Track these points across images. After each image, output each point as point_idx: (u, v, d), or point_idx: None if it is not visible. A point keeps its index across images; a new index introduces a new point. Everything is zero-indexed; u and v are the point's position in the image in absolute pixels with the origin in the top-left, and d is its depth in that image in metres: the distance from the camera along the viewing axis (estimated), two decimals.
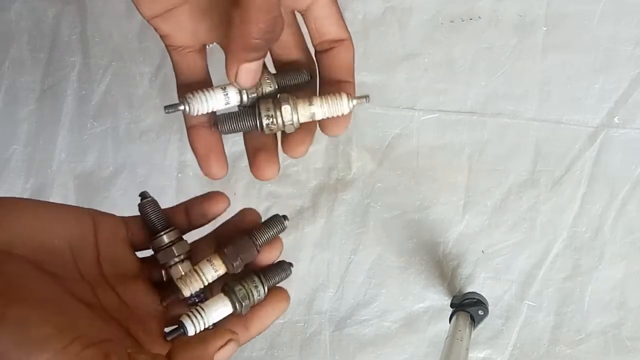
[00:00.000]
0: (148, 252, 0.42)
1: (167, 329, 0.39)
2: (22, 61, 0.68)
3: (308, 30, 0.42)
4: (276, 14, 0.34)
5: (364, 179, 0.65)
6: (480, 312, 0.60)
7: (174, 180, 0.67)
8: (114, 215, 0.41)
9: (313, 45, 0.42)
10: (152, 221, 0.40)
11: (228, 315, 0.40)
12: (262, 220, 0.44)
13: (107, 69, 0.68)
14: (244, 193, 0.66)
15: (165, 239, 0.40)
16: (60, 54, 0.68)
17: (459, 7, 0.64)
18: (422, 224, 0.64)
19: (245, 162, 0.66)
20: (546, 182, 0.63)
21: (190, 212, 0.42)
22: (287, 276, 0.42)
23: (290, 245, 0.66)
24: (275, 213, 0.43)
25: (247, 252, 0.40)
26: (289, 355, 0.65)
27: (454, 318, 0.60)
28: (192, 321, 0.38)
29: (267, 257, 0.43)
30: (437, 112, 0.64)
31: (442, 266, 0.64)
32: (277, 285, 0.43)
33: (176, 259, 0.40)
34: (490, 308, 0.61)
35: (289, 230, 0.66)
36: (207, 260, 0.40)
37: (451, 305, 0.62)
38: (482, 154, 0.64)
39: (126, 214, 0.43)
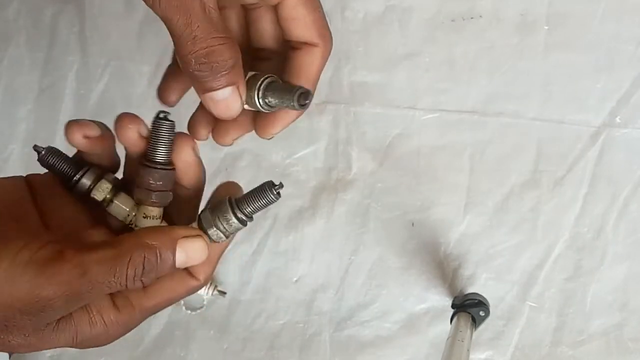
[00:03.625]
0: None
1: None
2: (20, 60, 0.68)
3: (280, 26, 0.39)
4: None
5: (365, 179, 0.65)
6: (482, 313, 0.59)
7: None
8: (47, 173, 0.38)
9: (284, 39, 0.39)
10: (62, 168, 0.37)
11: None
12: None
13: (106, 68, 0.67)
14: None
15: (86, 181, 0.37)
16: (58, 53, 0.68)
17: (460, 6, 0.64)
18: (423, 225, 0.64)
19: (245, 161, 0.66)
20: (548, 182, 0.63)
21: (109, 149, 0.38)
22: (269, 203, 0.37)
23: (290, 246, 0.65)
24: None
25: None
26: (288, 357, 0.65)
27: (455, 319, 0.60)
28: None
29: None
30: (438, 112, 0.64)
31: (443, 267, 0.63)
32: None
33: (111, 193, 0.37)
34: (491, 309, 0.61)
35: (289, 230, 0.65)
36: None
37: (452, 306, 0.62)
38: (483, 154, 0.63)
39: None
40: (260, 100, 0.37)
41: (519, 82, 0.63)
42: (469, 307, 0.60)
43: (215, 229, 0.36)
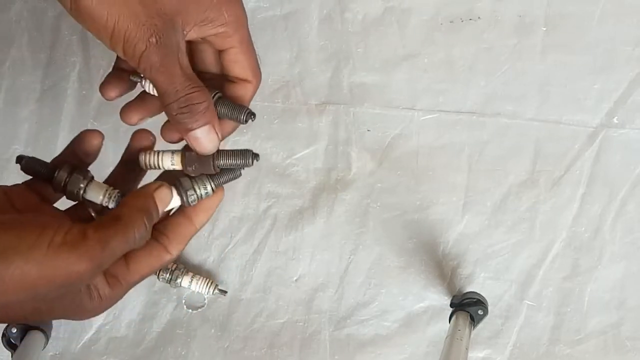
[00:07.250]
0: None
1: None
2: (22, 61, 0.68)
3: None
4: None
5: (364, 179, 0.65)
6: (480, 312, 0.60)
7: None
8: (17, 185, 0.45)
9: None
10: (41, 170, 0.43)
11: (176, 210, 0.45)
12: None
13: (108, 69, 0.67)
14: (244, 192, 0.66)
15: (64, 173, 0.43)
16: (60, 54, 0.68)
17: (458, 7, 0.64)
18: (422, 224, 0.64)
19: None
20: (545, 182, 0.63)
21: (78, 153, 0.45)
22: (236, 177, 0.46)
23: (290, 245, 0.66)
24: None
25: (205, 166, 0.44)
26: (288, 355, 0.65)
27: (453, 318, 0.60)
28: None
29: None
30: (436, 113, 0.64)
31: (441, 266, 0.64)
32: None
33: (85, 181, 0.43)
34: (490, 308, 0.61)
35: (289, 230, 0.66)
36: (171, 152, 0.45)
37: (451, 305, 0.62)
38: (481, 154, 0.64)
39: None
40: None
41: (517, 83, 0.64)
42: (468, 306, 0.60)
43: (192, 191, 0.44)
